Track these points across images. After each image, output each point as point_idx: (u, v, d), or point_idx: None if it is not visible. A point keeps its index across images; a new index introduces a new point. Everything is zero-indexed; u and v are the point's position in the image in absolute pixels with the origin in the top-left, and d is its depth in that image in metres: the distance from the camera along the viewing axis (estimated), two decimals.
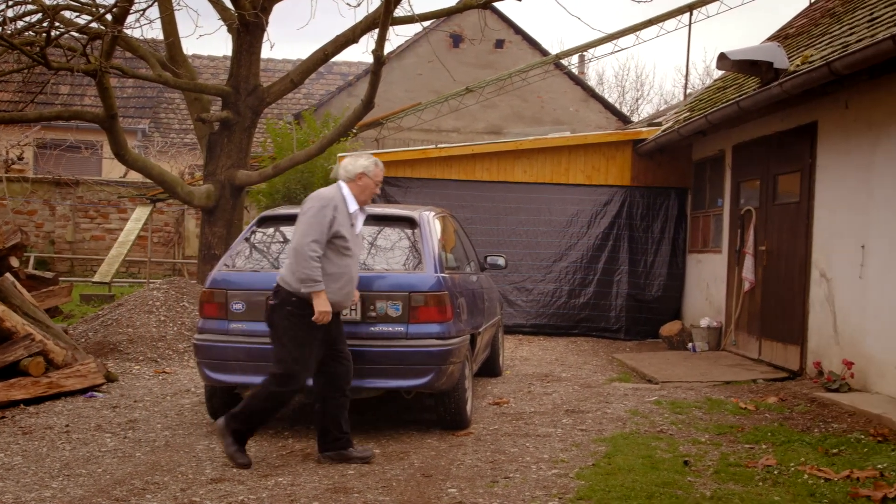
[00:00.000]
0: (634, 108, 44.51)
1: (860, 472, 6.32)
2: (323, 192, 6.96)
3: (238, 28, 13.86)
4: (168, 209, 24.93)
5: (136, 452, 7.07)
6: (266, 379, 6.81)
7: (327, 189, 7.00)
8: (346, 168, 7.07)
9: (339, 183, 7.05)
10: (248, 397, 6.90)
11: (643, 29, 19.61)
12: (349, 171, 7.05)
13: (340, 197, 6.92)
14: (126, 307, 12.41)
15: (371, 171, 7.11)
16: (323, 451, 6.87)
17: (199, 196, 13.89)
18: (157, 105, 30.96)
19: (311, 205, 6.83)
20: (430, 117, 22.54)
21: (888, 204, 9.01)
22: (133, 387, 9.85)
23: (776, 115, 11.45)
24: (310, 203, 6.86)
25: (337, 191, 6.97)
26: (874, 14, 10.03)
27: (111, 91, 12.15)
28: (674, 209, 15.54)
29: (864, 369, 9.29)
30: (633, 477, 6.27)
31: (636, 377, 11.11)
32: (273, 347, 6.88)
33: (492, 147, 15.79)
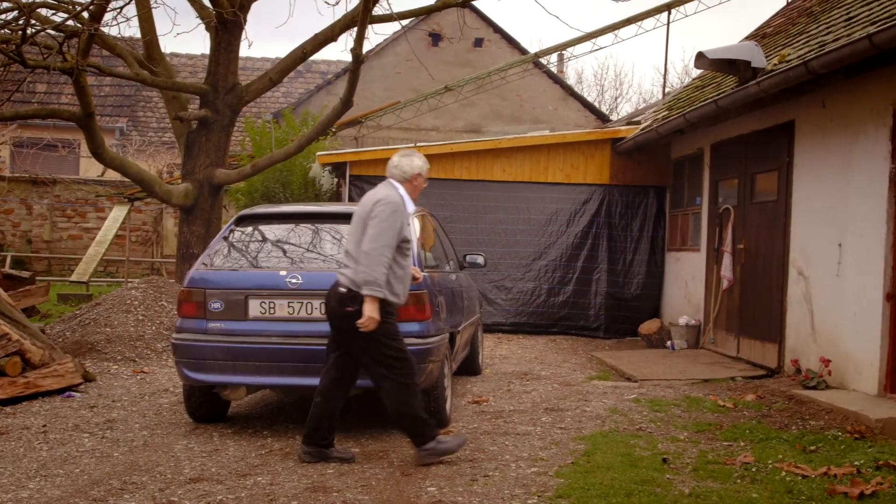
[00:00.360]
0: (613, 107, 44.63)
1: (837, 469, 6.35)
2: (389, 195, 6.80)
3: (216, 26, 13.81)
4: (146, 208, 24.83)
5: (114, 452, 7.03)
6: (391, 388, 6.67)
7: (390, 192, 6.85)
8: (403, 168, 7.03)
9: (394, 183, 6.99)
10: (401, 425, 6.79)
11: (622, 28, 19.65)
12: (406, 171, 7.03)
13: (401, 199, 6.85)
14: (104, 306, 12.35)
15: (425, 171, 7.15)
16: (307, 444, 6.80)
17: (177, 195, 13.83)
18: (135, 104, 30.82)
19: (382, 209, 6.68)
20: (409, 116, 22.53)
21: (865, 202, 9.06)
22: (111, 386, 9.80)
23: (754, 113, 11.49)
24: (380, 207, 6.70)
25: (396, 192, 6.88)
26: (850, 14, 10.08)
27: (88, 89, 12.09)
28: (652, 207, 15.58)
29: (841, 367, 9.34)
30: (612, 475, 6.28)
31: (615, 375, 11.13)
32: (357, 350, 6.75)
33: (471, 146, 15.79)
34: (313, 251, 7.93)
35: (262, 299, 7.54)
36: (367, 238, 6.62)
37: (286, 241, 8.09)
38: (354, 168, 15.55)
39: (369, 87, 24.42)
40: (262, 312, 7.54)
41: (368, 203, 6.80)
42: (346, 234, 7.97)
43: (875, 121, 8.96)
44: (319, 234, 8.09)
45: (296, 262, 7.79)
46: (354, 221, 6.84)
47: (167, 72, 14.57)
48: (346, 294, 6.63)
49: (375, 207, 6.71)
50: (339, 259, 7.50)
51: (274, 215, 8.52)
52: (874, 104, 8.99)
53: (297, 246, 8.01)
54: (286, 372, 7.45)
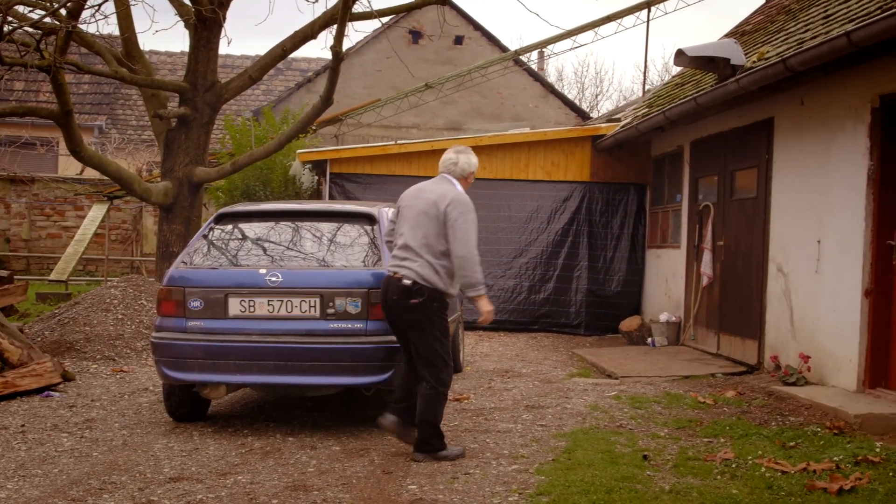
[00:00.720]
0: (594, 105, 44.74)
1: (816, 465, 6.38)
2: (458, 194, 6.94)
3: (195, 24, 13.75)
4: (126, 206, 24.71)
5: (94, 452, 7.00)
6: (428, 393, 6.78)
7: (453, 189, 6.99)
8: (461, 165, 7.16)
9: (451, 179, 7.11)
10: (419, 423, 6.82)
11: (601, 25, 19.66)
12: (464, 169, 7.17)
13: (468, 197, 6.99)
14: (83, 305, 12.28)
15: (476, 168, 7.33)
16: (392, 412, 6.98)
17: (156, 193, 13.78)
18: (114, 101, 30.68)
19: (462, 209, 6.83)
20: (389, 114, 22.51)
21: (843, 199, 9.10)
22: (90, 386, 9.75)
23: (733, 111, 11.52)
24: (459, 208, 6.83)
25: (459, 189, 7.03)
26: (829, 11, 10.12)
27: (66, 87, 12.03)
28: (633, 205, 15.60)
29: (820, 363, 9.38)
30: (593, 472, 6.29)
31: (596, 372, 11.15)
32: (421, 346, 6.84)
33: (451, 143, 15.74)
34: (293, 249, 7.90)
35: (241, 297, 7.52)
36: (457, 243, 6.75)
37: (266, 239, 8.07)
38: (335, 166, 15.51)
39: (349, 84, 24.38)
40: (242, 311, 7.52)
41: (433, 200, 6.89)
42: (326, 232, 7.99)
43: (853, 118, 8.99)
44: (300, 233, 8.07)
45: (276, 261, 7.77)
46: (418, 216, 6.91)
47: (146, 69, 14.50)
48: (412, 286, 6.76)
49: (450, 209, 6.81)
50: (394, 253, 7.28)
51: (254, 213, 8.49)
52: (852, 101, 9.03)
53: (277, 244, 7.98)
54: (266, 370, 7.43)
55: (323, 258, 7.77)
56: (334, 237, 7.97)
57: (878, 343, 8.67)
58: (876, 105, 8.67)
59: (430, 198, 6.92)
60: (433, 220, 6.84)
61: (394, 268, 6.92)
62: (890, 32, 7.50)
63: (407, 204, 7.07)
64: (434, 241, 6.83)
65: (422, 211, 6.90)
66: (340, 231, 8.03)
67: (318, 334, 7.41)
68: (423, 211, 6.89)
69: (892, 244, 8.59)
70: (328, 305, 7.44)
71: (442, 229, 6.82)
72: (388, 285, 6.94)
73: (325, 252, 7.82)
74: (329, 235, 7.97)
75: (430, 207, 6.87)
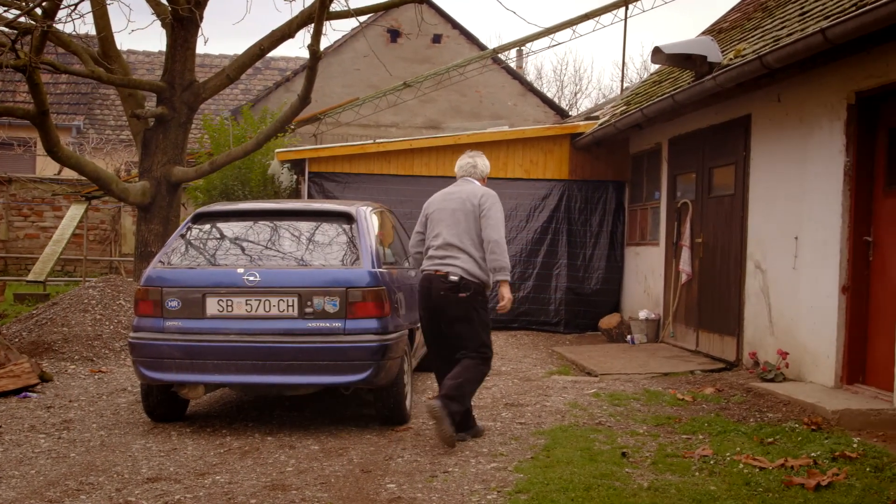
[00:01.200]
0: (573, 103, 44.83)
1: (794, 461, 6.41)
2: (489, 190, 7.46)
3: (172, 23, 13.69)
4: (104, 207, 24.58)
5: (71, 453, 6.96)
6: (475, 362, 7.24)
7: (484, 187, 7.54)
8: (480, 168, 7.75)
9: (472, 181, 7.65)
10: (458, 384, 7.09)
11: (579, 23, 19.69)
12: (483, 171, 7.77)
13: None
14: (61, 306, 12.22)
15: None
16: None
17: (134, 193, 13.71)
18: (92, 101, 30.53)
19: (492, 202, 7.32)
20: (368, 112, 22.48)
21: (821, 196, 9.14)
22: (68, 386, 9.70)
23: (711, 108, 11.56)
24: (491, 199, 7.34)
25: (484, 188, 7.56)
26: (805, 8, 10.16)
27: (42, 87, 11.96)
28: (612, 202, 15.63)
29: (798, 359, 9.42)
30: (572, 469, 6.30)
31: (576, 370, 11.17)
32: (466, 336, 7.24)
33: (430, 142, 15.76)
34: (271, 249, 7.88)
35: (219, 297, 7.49)
36: (490, 229, 7.21)
37: (244, 238, 8.04)
38: (313, 165, 15.48)
39: (328, 83, 24.35)
40: (220, 310, 7.49)
41: (469, 198, 7.36)
42: (304, 231, 7.97)
43: (829, 114, 9.04)
44: (278, 232, 8.05)
45: (254, 260, 7.75)
46: (453, 215, 7.35)
47: (123, 69, 14.43)
48: (459, 282, 7.18)
49: (483, 201, 7.32)
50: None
51: (231, 213, 8.45)
52: (828, 98, 9.07)
53: (255, 243, 7.96)
54: (244, 370, 7.41)
55: (301, 257, 7.75)
56: (312, 236, 7.95)
57: (855, 339, 8.72)
58: (852, 102, 8.71)
59: (461, 197, 7.40)
60: (469, 215, 7.30)
61: (436, 266, 7.30)
62: (864, 29, 7.53)
63: (437, 208, 7.49)
64: (475, 237, 7.28)
65: (457, 210, 7.35)
66: (318, 230, 8.01)
67: (296, 334, 7.39)
68: (457, 209, 7.35)
69: (868, 240, 8.63)
70: (306, 305, 7.42)
71: (478, 223, 7.28)
72: (430, 283, 7.30)
73: (303, 251, 7.80)
74: (307, 235, 7.95)
75: (464, 205, 7.34)
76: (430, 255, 7.40)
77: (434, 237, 7.42)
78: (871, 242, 8.61)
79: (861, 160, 8.72)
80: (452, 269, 7.20)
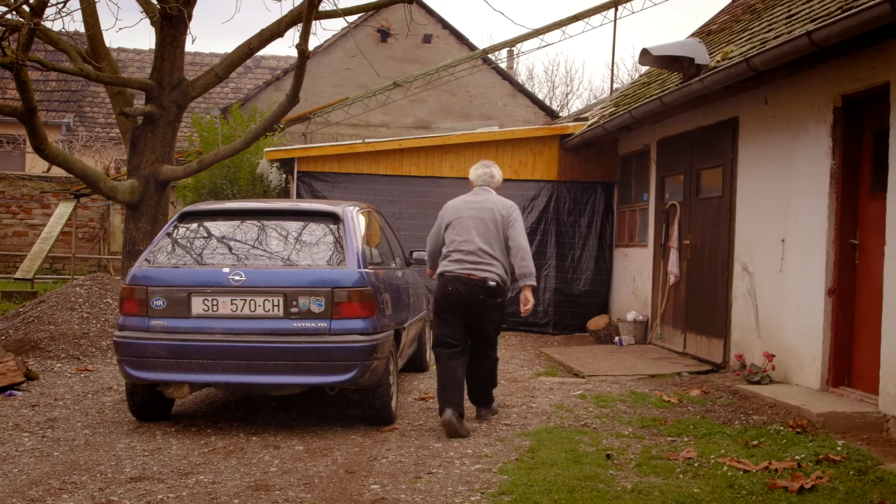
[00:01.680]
0: (564, 104, 44.87)
1: (778, 464, 6.41)
2: (510, 201, 8.10)
3: (161, 21, 13.66)
4: (93, 204, 24.52)
5: (55, 451, 6.94)
6: (490, 366, 8.12)
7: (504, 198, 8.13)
8: (497, 178, 8.30)
9: (490, 190, 8.20)
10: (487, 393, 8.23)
11: (569, 24, 19.69)
12: (499, 181, 8.34)
13: None
14: (48, 304, 12.19)
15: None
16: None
17: (122, 191, 13.67)
18: (82, 99, 30.47)
19: (517, 213, 8.00)
20: (357, 112, 22.47)
21: (807, 198, 9.16)
22: (54, 385, 9.68)
23: (699, 110, 11.58)
24: (515, 210, 8.00)
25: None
26: (791, 11, 10.18)
27: (30, 84, 11.92)
28: (600, 204, 15.64)
29: (784, 361, 9.44)
30: (556, 471, 6.30)
31: (563, 371, 11.17)
32: (488, 335, 8.01)
33: (419, 142, 15.75)
34: (257, 248, 7.86)
35: (205, 296, 7.48)
36: (519, 237, 7.87)
37: (230, 238, 8.02)
38: (302, 164, 15.45)
39: (317, 83, 24.33)
40: (206, 310, 7.47)
41: (498, 209, 7.93)
42: (290, 231, 7.96)
43: (816, 117, 9.05)
44: (264, 231, 8.03)
45: (240, 260, 7.73)
46: (484, 223, 7.86)
47: (111, 67, 14.39)
48: (496, 287, 7.79)
49: (511, 212, 7.95)
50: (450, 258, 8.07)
51: (218, 212, 8.43)
52: (815, 101, 9.09)
53: (241, 243, 7.94)
54: (229, 370, 7.39)
55: (287, 257, 7.73)
56: (299, 236, 7.93)
57: (841, 342, 8.73)
58: (838, 105, 8.73)
59: (488, 206, 7.95)
60: (498, 224, 7.86)
61: (468, 270, 7.76)
62: (849, 32, 7.55)
63: (461, 216, 7.96)
64: (502, 245, 7.88)
65: (486, 219, 7.87)
66: (305, 230, 8.00)
67: (281, 333, 7.38)
68: (487, 219, 7.87)
69: (854, 243, 8.65)
70: (292, 304, 7.40)
71: (504, 232, 7.87)
72: (463, 285, 7.74)
73: (289, 251, 7.79)
74: (294, 234, 7.94)
75: (493, 215, 7.90)
76: (459, 258, 7.81)
77: (462, 242, 7.83)
78: (857, 245, 8.63)
79: (847, 163, 8.73)
80: (490, 274, 7.74)
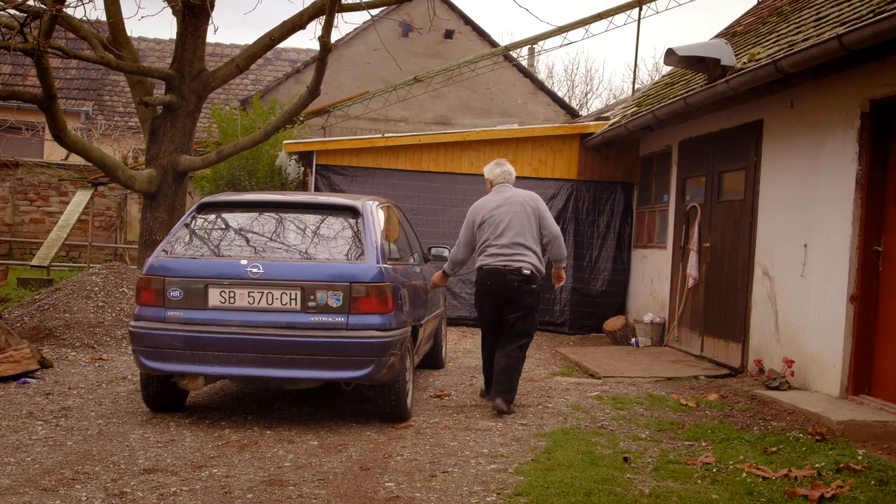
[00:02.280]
0: (584, 103, 44.73)
1: (798, 472, 6.32)
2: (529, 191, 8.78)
3: (182, 10, 13.62)
4: (110, 193, 24.55)
5: (68, 441, 6.90)
6: (520, 347, 8.48)
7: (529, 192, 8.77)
8: (513, 174, 8.93)
9: (510, 186, 8.79)
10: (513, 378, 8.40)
11: (593, 23, 19.57)
12: (514, 176, 8.94)
13: None
14: (63, 292, 12.17)
15: None
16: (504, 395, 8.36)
17: (140, 180, 13.64)
18: (102, 87, 30.50)
19: (544, 204, 8.68)
20: (377, 106, 22.39)
21: (831, 204, 9.05)
22: (68, 373, 9.65)
23: (723, 112, 11.47)
24: (543, 203, 8.67)
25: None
26: (820, 14, 10.07)
27: (50, 71, 11.86)
28: (620, 204, 15.55)
29: (804, 367, 9.34)
30: (573, 473, 6.22)
31: (579, 371, 11.09)
32: (526, 322, 8.50)
33: (439, 137, 15.69)
34: (275, 241, 7.80)
35: (222, 288, 7.42)
36: (552, 227, 8.58)
37: (248, 229, 7.97)
38: (321, 157, 15.41)
39: (338, 76, 24.29)
40: (222, 302, 7.42)
41: (527, 202, 8.55)
42: (309, 224, 7.90)
43: (843, 122, 8.95)
44: (282, 224, 7.97)
45: (258, 252, 7.67)
46: (517, 217, 8.45)
47: (132, 55, 14.34)
48: (531, 275, 8.40)
49: (539, 204, 8.60)
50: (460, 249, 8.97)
51: (236, 203, 8.39)
52: (842, 106, 8.98)
53: (259, 235, 7.88)
54: (245, 362, 7.34)
55: (305, 250, 7.67)
56: (317, 230, 7.87)
57: (862, 349, 8.63)
58: (866, 110, 8.62)
59: (519, 201, 8.55)
60: (531, 217, 8.48)
61: (504, 262, 8.37)
62: (881, 36, 7.45)
63: (494, 213, 8.53)
64: (536, 237, 8.52)
65: (519, 213, 8.47)
66: (324, 224, 7.93)
67: (298, 327, 7.32)
68: (519, 212, 8.47)
69: (878, 250, 8.55)
70: (309, 298, 7.34)
71: (537, 223, 8.50)
72: (502, 276, 8.37)
73: (307, 244, 7.73)
74: (312, 228, 7.88)
75: (524, 208, 8.50)
76: (495, 252, 8.41)
77: (497, 237, 8.42)
78: (882, 252, 8.52)
79: (873, 169, 8.62)
80: (524, 264, 8.35)
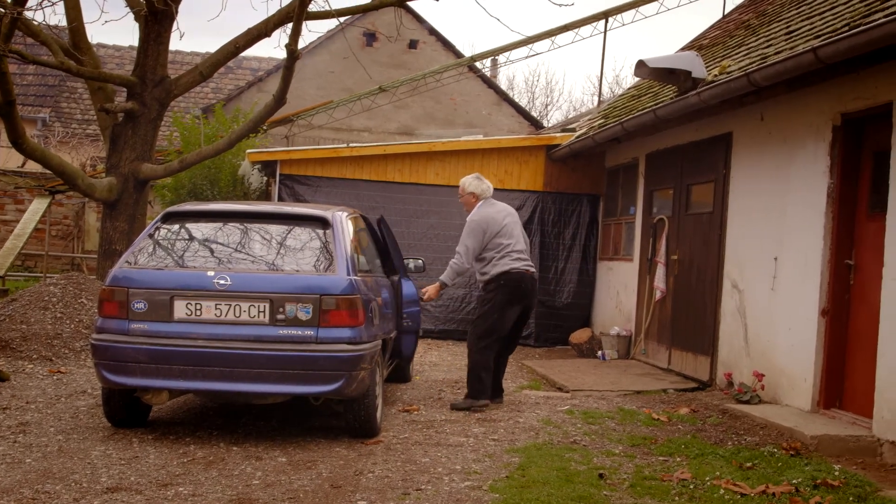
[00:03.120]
0: (544, 114, 44.80)
1: (776, 487, 6.24)
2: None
3: (146, 16, 13.40)
4: (68, 202, 24.16)
5: (27, 458, 6.67)
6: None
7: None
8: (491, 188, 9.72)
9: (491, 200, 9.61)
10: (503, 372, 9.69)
11: (559, 34, 19.60)
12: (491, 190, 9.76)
13: None
14: (20, 302, 11.89)
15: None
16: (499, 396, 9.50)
17: (100, 189, 13.39)
18: (59, 94, 30.07)
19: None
20: (341, 116, 22.24)
21: (802, 217, 9.02)
22: (25, 387, 9.39)
23: (691, 124, 11.44)
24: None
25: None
26: (791, 27, 10.06)
27: (9, 76, 11.61)
28: (586, 216, 15.50)
29: (774, 381, 9.29)
30: (549, 490, 6.10)
31: (546, 385, 10.99)
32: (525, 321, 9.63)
33: (404, 148, 15.57)
34: (243, 252, 7.63)
35: (188, 300, 7.24)
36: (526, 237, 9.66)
37: (215, 240, 7.78)
38: (285, 167, 15.23)
39: (301, 85, 24.08)
40: (188, 314, 7.23)
41: (512, 213, 9.59)
42: (276, 235, 7.74)
43: (814, 135, 8.92)
44: (250, 235, 7.80)
45: (225, 263, 7.49)
46: (518, 227, 9.47)
47: (93, 61, 14.12)
48: (532, 277, 9.35)
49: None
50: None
51: (203, 213, 8.20)
52: (813, 119, 8.96)
53: (226, 246, 7.71)
54: (211, 376, 7.14)
55: (273, 262, 7.51)
56: (286, 241, 7.71)
57: (833, 363, 8.60)
58: (838, 123, 8.61)
59: (512, 212, 9.56)
60: (521, 227, 9.56)
61: (525, 266, 9.22)
62: (856, 50, 7.44)
63: (504, 224, 9.28)
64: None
65: (518, 223, 9.52)
66: (292, 234, 7.77)
67: (266, 341, 7.14)
68: (518, 223, 9.53)
69: (850, 264, 8.52)
70: (278, 311, 7.17)
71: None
72: (531, 281, 9.32)
73: (275, 256, 7.56)
74: (281, 239, 7.71)
75: (517, 219, 9.57)
76: (518, 257, 9.20)
77: (515, 243, 9.22)
78: (853, 266, 8.49)
79: (845, 183, 8.61)
80: (531, 268, 9.34)
